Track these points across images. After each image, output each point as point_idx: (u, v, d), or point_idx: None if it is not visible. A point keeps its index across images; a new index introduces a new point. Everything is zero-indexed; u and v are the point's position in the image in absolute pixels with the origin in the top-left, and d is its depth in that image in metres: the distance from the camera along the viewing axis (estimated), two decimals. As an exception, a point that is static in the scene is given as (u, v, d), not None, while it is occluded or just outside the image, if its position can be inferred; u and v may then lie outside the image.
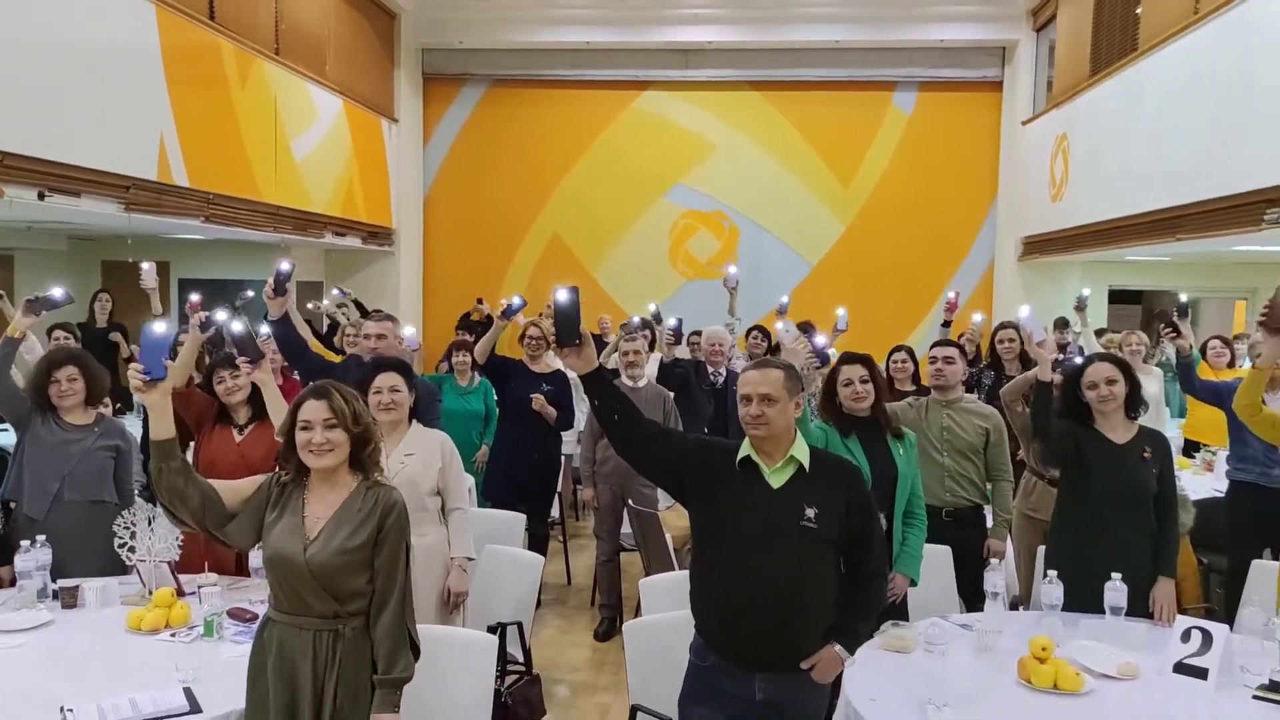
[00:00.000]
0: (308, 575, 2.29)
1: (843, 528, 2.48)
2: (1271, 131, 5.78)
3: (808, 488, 2.47)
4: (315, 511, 2.36)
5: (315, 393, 2.40)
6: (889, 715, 2.51)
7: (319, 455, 2.34)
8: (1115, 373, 3.33)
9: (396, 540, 2.39)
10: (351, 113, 9.78)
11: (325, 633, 2.32)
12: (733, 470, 2.49)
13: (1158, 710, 2.58)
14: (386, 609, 2.35)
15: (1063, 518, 3.44)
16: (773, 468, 2.49)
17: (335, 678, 2.30)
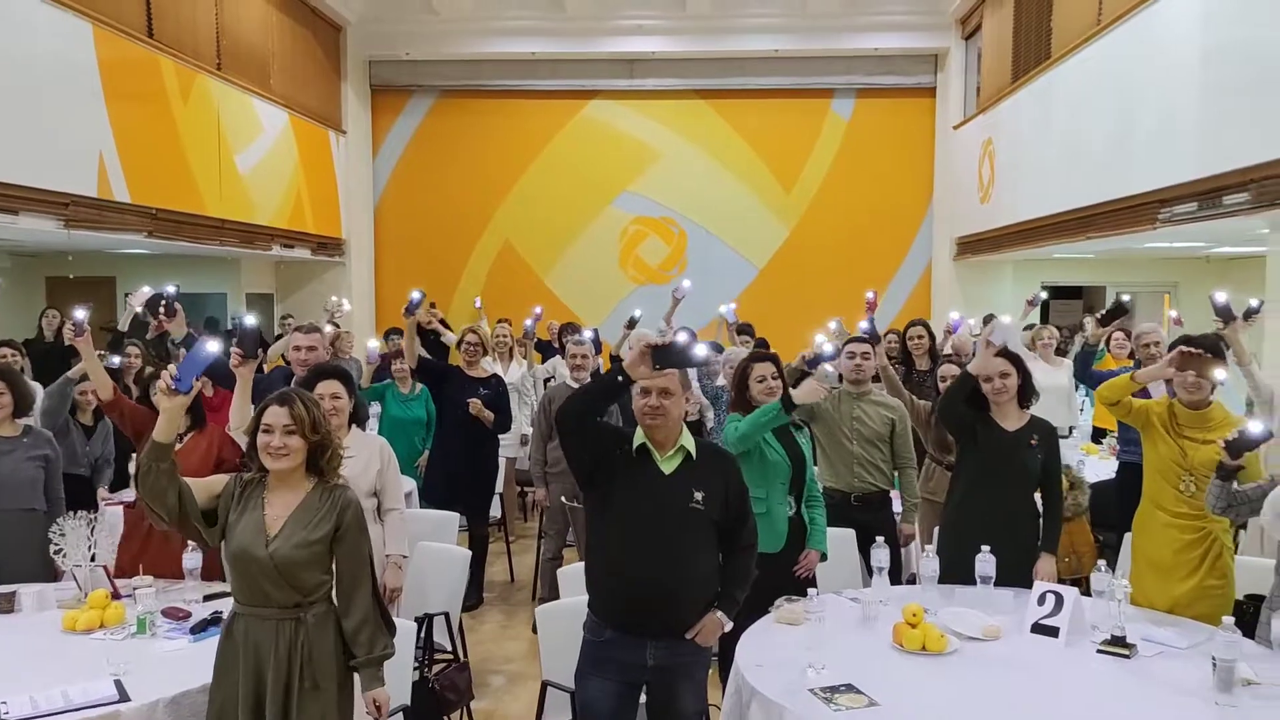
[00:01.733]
0: (271, 569, 2.47)
1: (724, 509, 2.75)
2: (1161, 136, 6.16)
3: (695, 474, 2.73)
4: (275, 510, 2.53)
5: (279, 399, 2.57)
6: (772, 678, 2.76)
7: (275, 458, 2.51)
8: (1008, 366, 3.63)
9: (358, 533, 2.58)
10: (297, 125, 9.91)
11: (288, 621, 2.49)
12: (629, 457, 2.73)
13: (1013, 665, 2.86)
14: (359, 595, 2.54)
15: (957, 498, 3.73)
16: (665, 456, 2.74)
17: (300, 663, 2.48)
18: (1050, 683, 2.76)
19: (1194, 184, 5.82)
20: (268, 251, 9.52)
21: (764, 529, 3.49)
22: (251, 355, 3.47)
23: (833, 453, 4.28)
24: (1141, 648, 2.93)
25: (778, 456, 3.54)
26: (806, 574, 3.55)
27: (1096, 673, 2.81)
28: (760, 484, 3.52)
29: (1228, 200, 5.53)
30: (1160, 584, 3.33)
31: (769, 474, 3.53)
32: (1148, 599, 3.37)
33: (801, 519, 3.60)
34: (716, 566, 2.78)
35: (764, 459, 3.53)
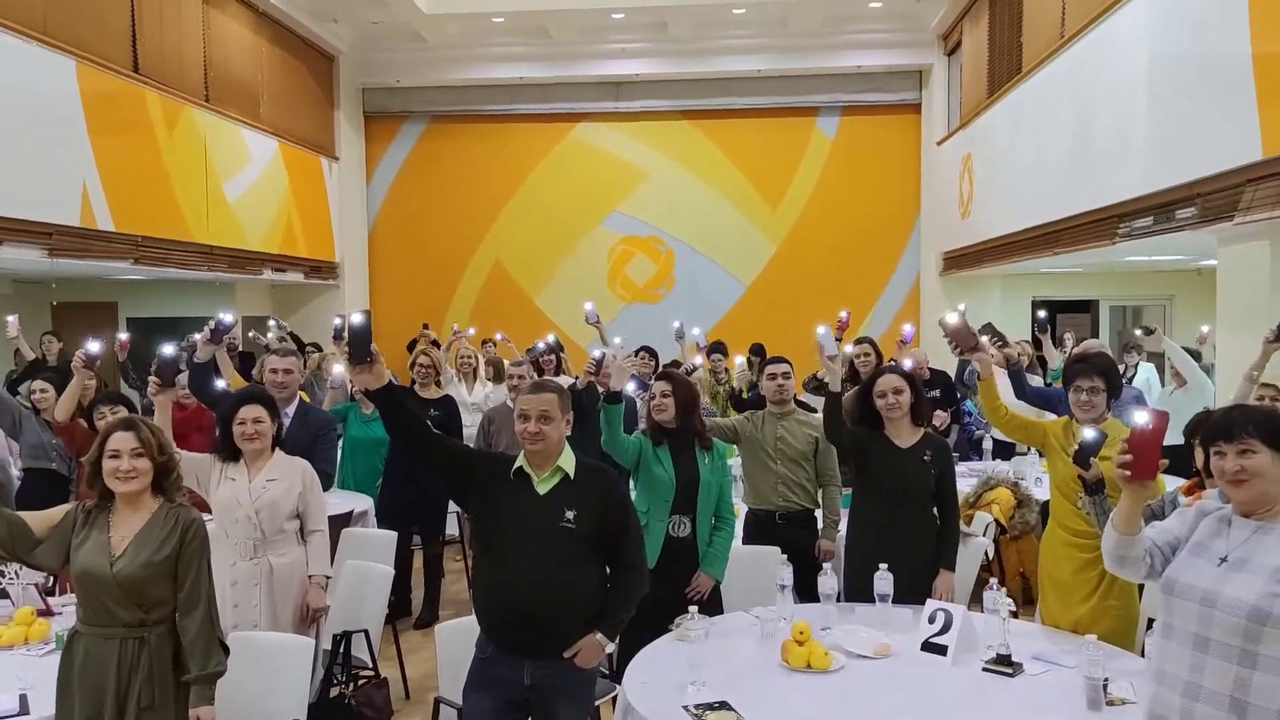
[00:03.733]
0: (115, 588, 2.57)
1: (601, 527, 2.80)
2: (1118, 150, 6.18)
3: (570, 493, 2.80)
4: (120, 532, 2.64)
5: (124, 424, 2.69)
6: (651, 694, 2.81)
7: (124, 481, 2.62)
8: (902, 384, 3.68)
9: (199, 552, 2.68)
10: (288, 153, 10.14)
11: (131, 640, 2.59)
12: (508, 480, 2.81)
13: (895, 684, 2.89)
14: (196, 611, 2.64)
15: (855, 515, 3.78)
16: (541, 477, 2.81)
17: (140, 681, 2.57)
18: (928, 701, 2.79)
19: (1148, 198, 5.84)
20: (259, 276, 9.72)
21: None
22: (169, 383, 3.59)
23: (757, 473, 4.34)
24: (1030, 666, 2.95)
25: (663, 473, 3.60)
26: (697, 597, 3.58)
27: (978, 691, 2.84)
28: (644, 499, 3.60)
29: (1179, 214, 5.55)
30: (1062, 603, 3.35)
31: (652, 489, 3.59)
32: (1052, 618, 3.39)
33: (694, 540, 3.63)
34: (600, 587, 2.83)
35: (650, 474, 3.59)
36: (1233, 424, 2.16)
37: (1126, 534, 2.24)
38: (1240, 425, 2.14)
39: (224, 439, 3.49)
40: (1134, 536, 2.24)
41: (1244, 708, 2.06)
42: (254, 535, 3.41)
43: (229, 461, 3.50)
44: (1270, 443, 2.12)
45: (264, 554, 3.43)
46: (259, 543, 3.42)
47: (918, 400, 3.69)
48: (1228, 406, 2.41)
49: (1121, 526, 2.25)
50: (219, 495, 3.45)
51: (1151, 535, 2.29)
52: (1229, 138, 4.77)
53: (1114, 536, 2.27)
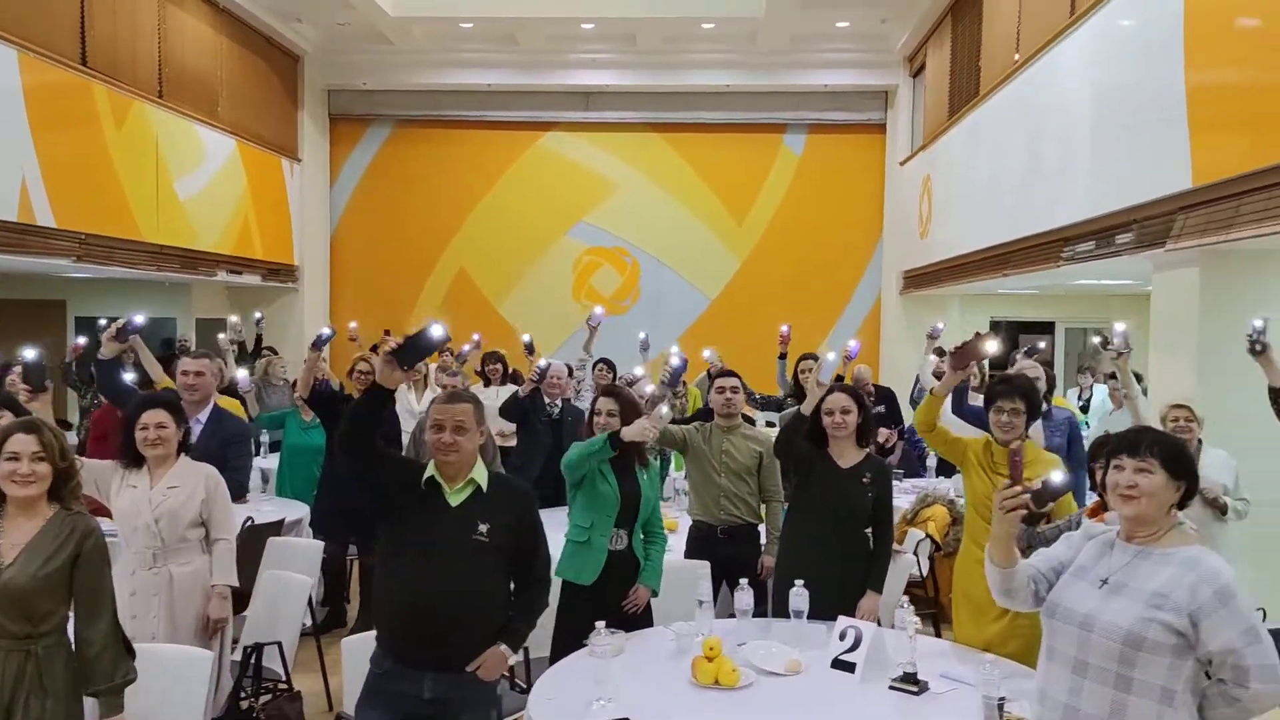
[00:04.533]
0: (4, 597, 2.47)
1: (513, 541, 2.76)
2: (1062, 175, 6.26)
3: (483, 506, 2.75)
4: (11, 539, 2.54)
5: (25, 426, 2.60)
6: (555, 711, 2.78)
7: (23, 485, 2.53)
8: (850, 403, 3.66)
9: (99, 560, 2.60)
10: (247, 153, 10.03)
11: (16, 653, 2.49)
12: (418, 489, 2.76)
13: (799, 701, 2.87)
14: (100, 621, 2.56)
15: (791, 531, 3.76)
16: (454, 489, 2.76)
17: (26, 695, 2.48)
18: (828, 718, 2.77)
19: (1090, 223, 5.91)
20: (212, 277, 9.59)
21: (583, 559, 3.55)
22: (39, 388, 3.51)
23: (701, 485, 4.32)
24: (936, 685, 2.94)
25: (608, 489, 3.57)
26: (634, 610, 3.55)
27: (880, 709, 2.82)
28: (587, 514, 3.57)
29: (1119, 240, 5.61)
30: (975, 622, 3.35)
31: (597, 505, 3.55)
32: (965, 636, 3.39)
33: (633, 553, 3.61)
34: (506, 600, 2.79)
35: (594, 490, 3.56)
36: (1141, 441, 2.17)
37: (1004, 567, 2.24)
38: (1147, 444, 2.16)
39: (126, 444, 3.41)
40: (1012, 569, 2.24)
41: (1120, 731, 2.06)
42: (154, 544, 3.33)
43: (132, 468, 3.41)
44: (1168, 467, 2.14)
45: (164, 563, 3.34)
46: (159, 551, 3.33)
47: (864, 421, 3.69)
48: (1140, 427, 2.43)
49: (999, 560, 2.25)
50: (119, 503, 3.37)
51: (1035, 563, 2.30)
52: (1163, 166, 4.83)
53: (993, 571, 2.27)
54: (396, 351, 2.65)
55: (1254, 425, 4.69)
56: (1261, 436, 4.67)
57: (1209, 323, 4.87)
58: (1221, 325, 4.86)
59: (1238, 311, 4.81)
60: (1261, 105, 4.12)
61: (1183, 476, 2.15)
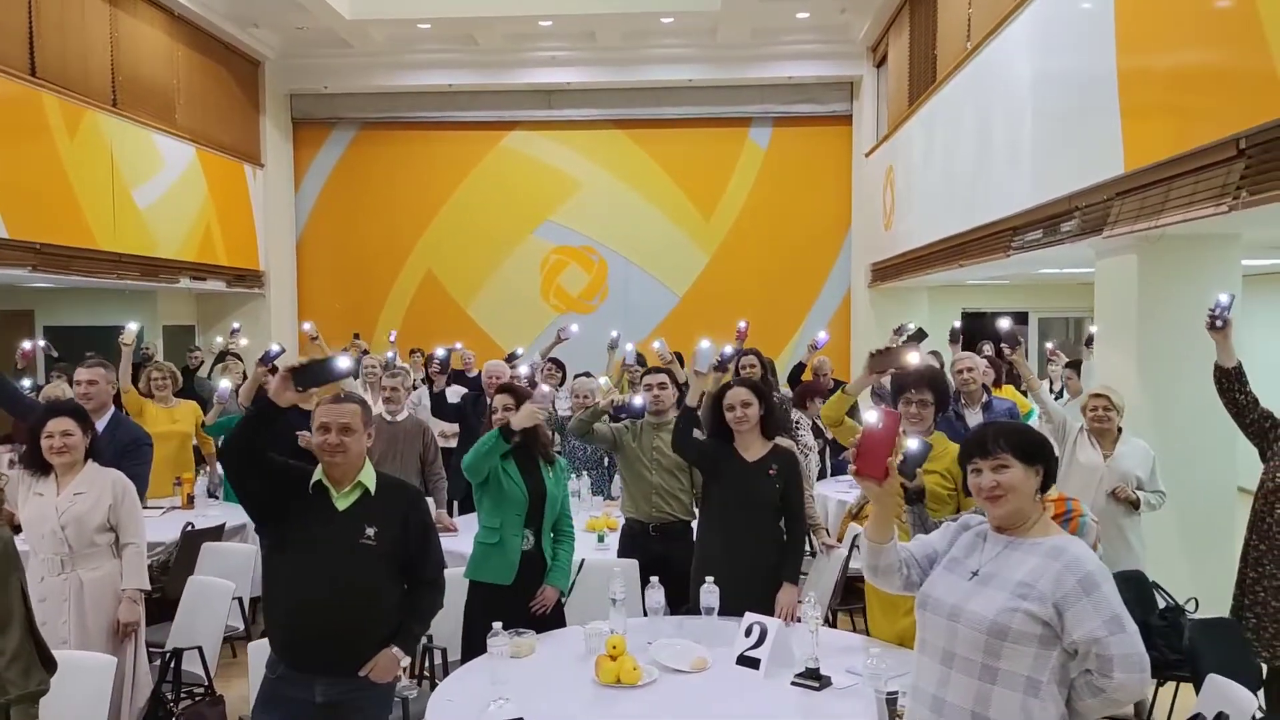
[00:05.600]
0: None
1: (401, 544, 2.74)
2: (1009, 164, 6.24)
3: (370, 510, 2.73)
4: None
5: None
6: (453, 712, 2.76)
7: None
8: (750, 396, 3.64)
9: (7, 568, 2.58)
10: (207, 159, 9.98)
11: None
12: (305, 494, 2.73)
13: (700, 698, 2.85)
14: (10, 631, 2.53)
15: (705, 528, 3.73)
16: (341, 492, 2.74)
17: None
18: (723, 715, 2.75)
19: (1035, 211, 5.89)
20: (174, 284, 9.54)
21: (496, 560, 3.53)
22: None
23: (633, 483, 4.29)
24: (840, 679, 2.92)
25: (514, 487, 3.54)
26: (541, 610, 3.53)
27: (778, 705, 2.80)
28: (495, 514, 3.54)
29: (1063, 228, 5.59)
30: (887, 616, 3.33)
31: (504, 505, 3.53)
32: (878, 630, 3.37)
33: (541, 553, 3.58)
34: (397, 603, 2.76)
35: (500, 489, 3.53)
36: (986, 440, 2.15)
37: (876, 542, 2.22)
38: (993, 440, 2.14)
39: (33, 453, 3.38)
40: (884, 545, 2.22)
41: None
42: (61, 550, 3.32)
43: (40, 476, 3.39)
44: (1021, 457, 2.12)
45: (73, 569, 3.34)
46: (67, 558, 3.33)
47: (768, 413, 3.66)
48: (982, 423, 2.40)
49: (871, 534, 2.23)
50: (26, 511, 3.36)
51: (911, 547, 2.28)
52: (1099, 152, 4.81)
53: (865, 544, 2.25)
54: (296, 371, 2.61)
55: (1191, 412, 4.69)
56: (1198, 424, 4.67)
57: (1147, 308, 4.85)
58: (1159, 311, 4.85)
59: (1174, 297, 4.81)
60: (1186, 89, 4.10)
61: (1038, 460, 2.13)
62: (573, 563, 3.72)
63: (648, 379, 4.44)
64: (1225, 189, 3.73)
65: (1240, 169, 3.66)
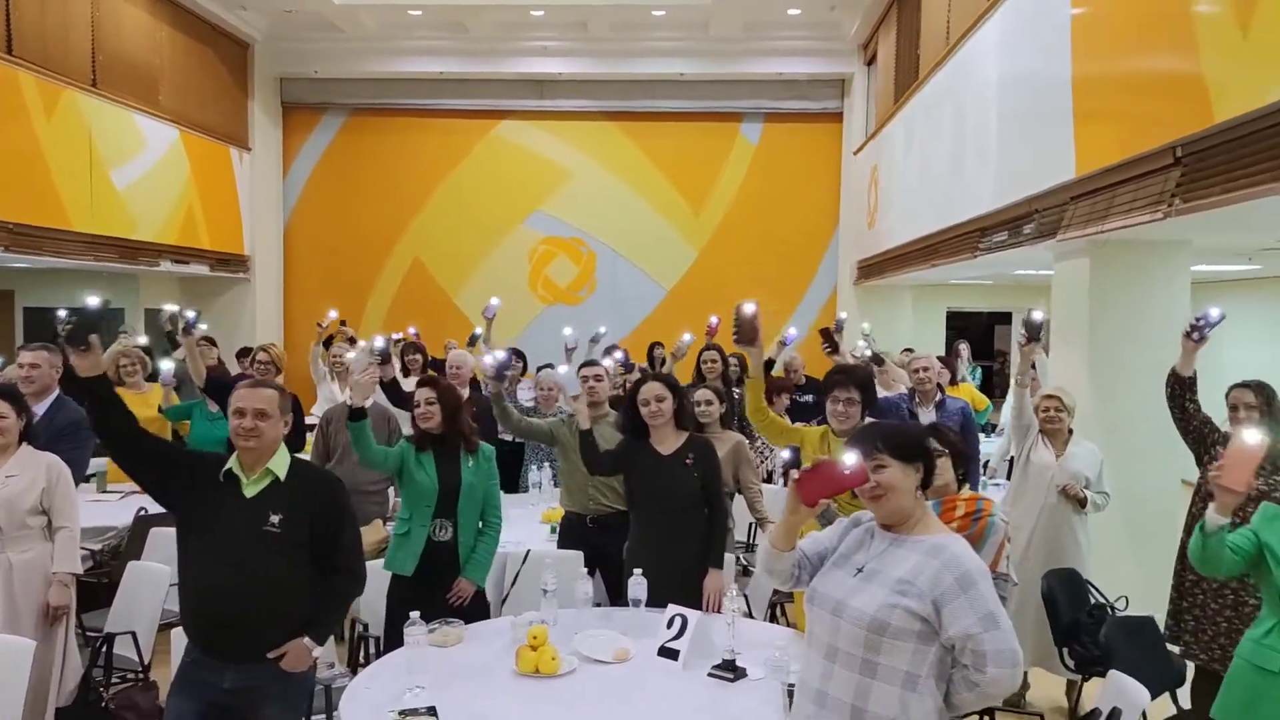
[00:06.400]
0: None
1: (312, 531, 2.75)
2: (978, 165, 6.24)
3: (279, 497, 2.74)
4: None
5: None
6: (367, 699, 2.79)
7: None
8: (663, 390, 3.67)
9: None
10: (191, 142, 9.99)
11: None
12: (217, 481, 2.75)
13: (616, 688, 2.88)
14: None
15: (632, 521, 3.76)
16: (250, 479, 2.75)
17: None
18: (637, 705, 2.78)
19: (1000, 213, 5.90)
20: (154, 268, 9.56)
21: (402, 551, 3.58)
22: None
23: (569, 476, 4.31)
24: (756, 671, 2.95)
25: (425, 478, 3.57)
26: (458, 602, 3.55)
27: (687, 695, 2.83)
28: (406, 505, 3.58)
29: (1025, 230, 5.60)
30: (811, 609, 3.35)
31: (414, 495, 3.57)
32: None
33: (457, 544, 3.61)
34: (309, 591, 2.77)
35: (412, 480, 3.57)
36: (865, 441, 2.18)
37: (779, 549, 2.25)
38: (872, 441, 2.17)
39: None
40: (785, 553, 2.24)
41: (862, 715, 2.07)
42: None
43: None
44: (899, 456, 2.15)
45: (2, 550, 3.35)
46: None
47: (681, 406, 3.69)
48: (863, 426, 2.43)
49: (776, 541, 2.25)
50: None
51: (804, 546, 2.30)
52: (1054, 156, 4.82)
53: (766, 549, 2.28)
54: (68, 338, 2.62)
55: (1138, 413, 4.71)
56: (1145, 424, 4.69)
57: (1098, 312, 4.87)
58: (1109, 314, 4.86)
59: (1124, 301, 4.83)
60: (1131, 97, 4.11)
61: (916, 458, 2.16)
62: (495, 555, 3.75)
63: (584, 370, 4.46)
64: (1162, 196, 3.74)
65: (1176, 176, 3.67)
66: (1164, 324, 4.77)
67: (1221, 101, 3.38)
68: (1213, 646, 3.74)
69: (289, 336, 12.05)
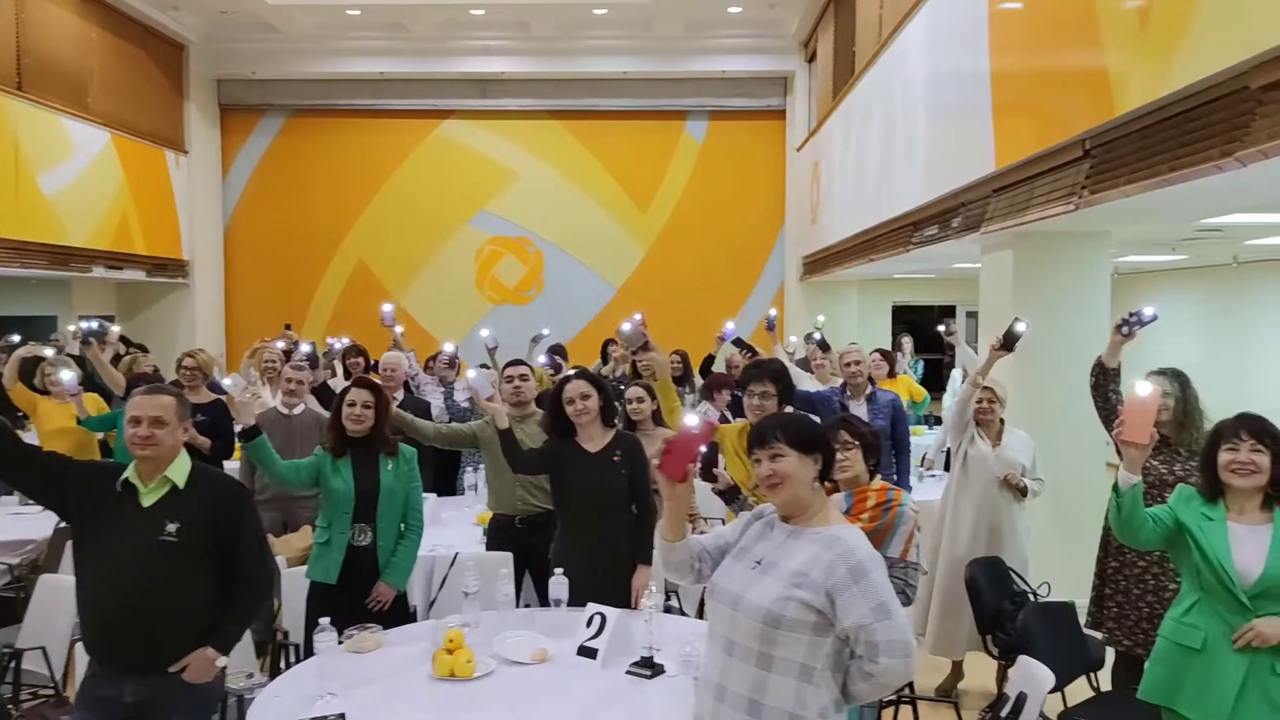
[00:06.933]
0: None
1: (213, 540, 2.69)
2: (909, 160, 6.31)
3: (177, 505, 2.67)
4: None
5: None
6: (277, 707, 2.74)
7: None
8: (589, 388, 3.64)
9: None
10: (124, 145, 9.77)
11: None
12: (114, 491, 2.68)
13: (531, 689, 2.86)
14: None
15: (559, 521, 3.75)
16: (147, 488, 2.68)
17: None
18: (550, 705, 2.76)
19: (930, 207, 5.97)
20: (86, 274, 9.34)
21: (325, 559, 3.53)
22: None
23: (495, 477, 4.28)
24: (674, 668, 2.95)
25: (341, 484, 3.53)
26: (377, 607, 3.52)
27: (603, 694, 2.81)
28: (325, 513, 3.54)
29: (954, 224, 5.68)
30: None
31: (332, 503, 3.52)
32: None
33: (376, 548, 3.57)
34: (211, 600, 2.71)
35: (329, 488, 3.52)
36: (765, 431, 2.19)
37: (668, 540, 2.24)
38: (770, 431, 2.18)
39: None
40: (675, 543, 2.24)
41: (759, 709, 2.08)
42: None
43: None
44: (796, 445, 2.16)
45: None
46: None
47: (606, 403, 3.68)
48: (764, 417, 2.43)
49: (665, 532, 2.25)
50: None
51: (704, 541, 2.30)
52: (977, 151, 4.89)
53: (658, 541, 2.27)
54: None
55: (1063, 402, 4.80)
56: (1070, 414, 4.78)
57: (1021, 304, 4.94)
58: (1032, 305, 4.94)
59: (1047, 291, 4.91)
60: (1044, 91, 4.18)
61: (815, 449, 2.17)
62: (417, 558, 3.71)
63: (509, 370, 4.43)
64: (1074, 188, 3.81)
65: (1086, 169, 3.74)
66: (1085, 313, 4.86)
67: (1123, 94, 3.45)
68: (1135, 632, 3.81)
69: (231, 341, 11.84)
